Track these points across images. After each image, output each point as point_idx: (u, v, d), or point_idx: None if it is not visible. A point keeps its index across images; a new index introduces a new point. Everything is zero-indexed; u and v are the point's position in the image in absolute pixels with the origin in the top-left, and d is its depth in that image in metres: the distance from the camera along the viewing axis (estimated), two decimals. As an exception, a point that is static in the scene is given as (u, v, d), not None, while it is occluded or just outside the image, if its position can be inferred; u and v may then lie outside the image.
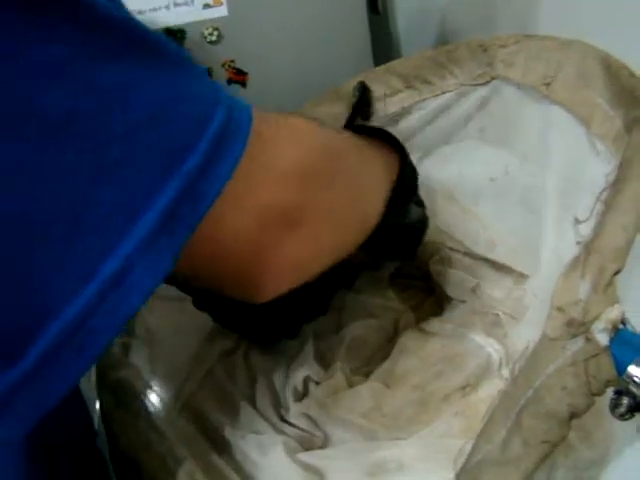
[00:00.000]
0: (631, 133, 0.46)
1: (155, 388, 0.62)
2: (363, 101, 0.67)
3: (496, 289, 0.66)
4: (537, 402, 0.36)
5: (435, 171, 0.74)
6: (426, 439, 0.54)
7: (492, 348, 0.60)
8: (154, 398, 0.60)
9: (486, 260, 0.66)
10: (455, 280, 0.67)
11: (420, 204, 0.60)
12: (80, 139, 0.23)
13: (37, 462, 0.37)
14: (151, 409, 0.57)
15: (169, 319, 0.69)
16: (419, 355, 0.61)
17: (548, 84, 0.53)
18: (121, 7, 0.28)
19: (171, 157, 0.26)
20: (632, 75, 0.49)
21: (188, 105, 0.27)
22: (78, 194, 0.23)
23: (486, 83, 0.62)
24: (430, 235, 0.67)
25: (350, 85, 0.71)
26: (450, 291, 0.66)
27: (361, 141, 0.48)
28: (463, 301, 0.66)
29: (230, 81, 1.39)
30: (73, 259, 0.23)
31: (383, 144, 0.52)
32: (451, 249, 0.69)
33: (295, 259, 0.34)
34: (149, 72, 0.26)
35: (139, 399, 0.58)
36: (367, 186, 0.45)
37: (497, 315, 0.64)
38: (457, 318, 0.64)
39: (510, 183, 0.71)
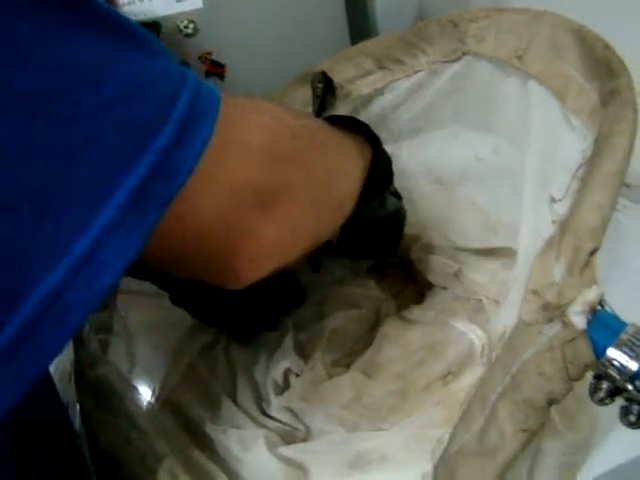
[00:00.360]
0: (607, 107, 0.45)
1: (135, 385, 0.60)
2: (327, 91, 0.66)
3: (479, 273, 0.65)
4: (514, 389, 0.35)
5: (411, 157, 0.73)
6: (407, 429, 0.53)
7: (474, 335, 0.58)
8: (134, 395, 0.59)
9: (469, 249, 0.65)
10: (436, 266, 0.65)
11: (396, 194, 0.58)
12: (50, 117, 0.23)
13: (7, 462, 0.36)
14: (131, 406, 0.56)
15: (147, 316, 0.67)
16: (400, 344, 0.59)
17: (520, 57, 0.52)
18: None
19: (141, 135, 0.26)
20: (607, 46, 0.47)
21: (157, 84, 0.27)
22: (48, 172, 0.23)
23: (458, 59, 0.60)
24: (409, 223, 0.65)
25: (322, 67, 0.69)
26: (431, 277, 0.65)
27: (330, 126, 0.47)
28: (444, 287, 0.64)
29: (208, 73, 1.37)
30: (46, 236, 0.23)
31: (354, 133, 0.51)
32: (432, 236, 0.68)
33: (271, 241, 0.34)
34: (119, 50, 0.26)
35: (118, 396, 0.56)
36: (341, 170, 0.44)
37: (480, 300, 0.62)
38: (438, 305, 0.62)
39: (494, 164, 0.70)
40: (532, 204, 0.51)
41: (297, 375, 0.58)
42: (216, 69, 1.37)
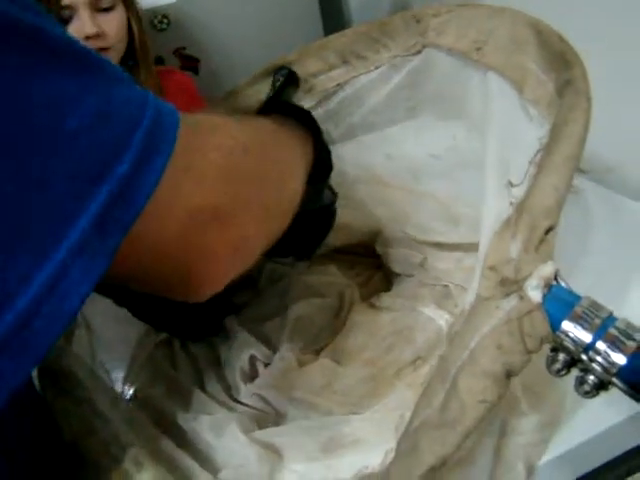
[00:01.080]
0: (562, 97, 0.47)
1: (98, 375, 0.61)
2: (287, 84, 0.67)
3: (443, 261, 0.66)
4: (473, 362, 0.36)
5: (369, 151, 0.74)
6: (380, 413, 0.54)
7: (442, 320, 0.60)
8: (97, 384, 0.59)
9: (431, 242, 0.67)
10: (401, 257, 0.67)
11: (331, 189, 0.59)
12: (11, 151, 0.24)
13: None
14: (95, 396, 0.56)
15: (110, 308, 0.67)
16: (369, 330, 0.61)
17: (479, 49, 0.53)
18: (46, 17, 0.28)
19: (103, 163, 0.26)
20: (562, 39, 0.49)
21: (118, 113, 0.28)
22: (10, 203, 0.24)
23: (418, 53, 0.62)
24: (372, 216, 0.67)
25: (288, 60, 0.70)
26: (397, 267, 0.66)
27: (276, 126, 0.48)
28: (411, 275, 0.66)
29: (182, 68, 1.37)
30: (12, 264, 0.24)
31: (298, 125, 0.52)
32: (394, 230, 0.69)
33: (228, 258, 0.35)
34: (81, 82, 0.27)
35: (82, 386, 0.56)
36: (289, 172, 0.46)
37: (446, 287, 0.64)
38: (406, 292, 0.64)
39: (454, 156, 0.71)
40: (493, 192, 0.52)
41: (265, 364, 0.59)
42: (190, 63, 1.37)
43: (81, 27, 0.91)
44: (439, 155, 0.73)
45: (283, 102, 0.60)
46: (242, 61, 1.18)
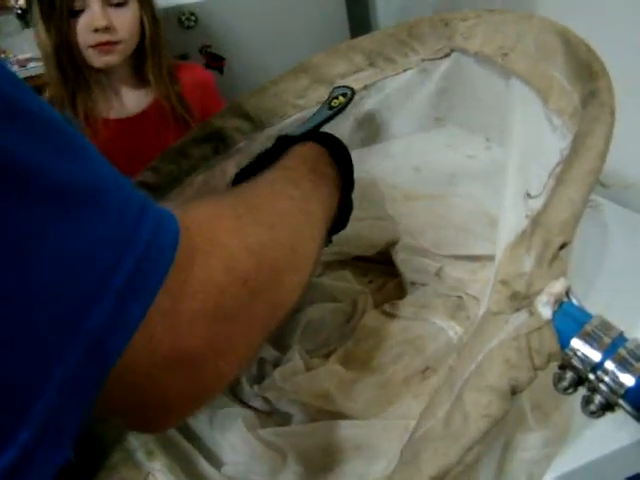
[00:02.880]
0: (586, 108, 0.45)
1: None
2: (345, 107, 0.62)
3: (460, 271, 0.65)
4: (479, 376, 0.35)
5: (398, 158, 0.74)
6: (384, 421, 0.54)
7: (453, 331, 0.59)
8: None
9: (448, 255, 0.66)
10: (417, 265, 0.66)
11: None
12: None
13: None
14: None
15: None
16: (380, 337, 0.60)
17: (505, 54, 0.52)
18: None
19: (73, 316, 0.24)
20: (589, 49, 0.48)
21: (94, 257, 0.25)
22: None
23: (445, 56, 0.61)
24: (388, 230, 0.66)
25: (315, 60, 0.69)
26: (412, 276, 0.66)
27: (297, 181, 0.44)
28: (426, 284, 0.65)
29: (207, 66, 1.38)
30: None
31: (330, 161, 0.50)
32: (414, 240, 0.69)
33: (193, 399, 0.33)
34: (52, 221, 0.23)
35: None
36: (302, 258, 0.40)
37: (460, 297, 0.63)
38: (419, 301, 0.63)
39: (483, 164, 0.71)
40: (511, 203, 0.51)
41: (274, 366, 0.59)
42: (215, 62, 1.38)
43: (91, 19, 0.92)
44: (474, 159, 0.73)
45: (322, 133, 0.56)
46: (267, 61, 1.18)
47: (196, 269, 0.29)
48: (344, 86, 0.63)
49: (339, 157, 0.51)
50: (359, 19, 1.22)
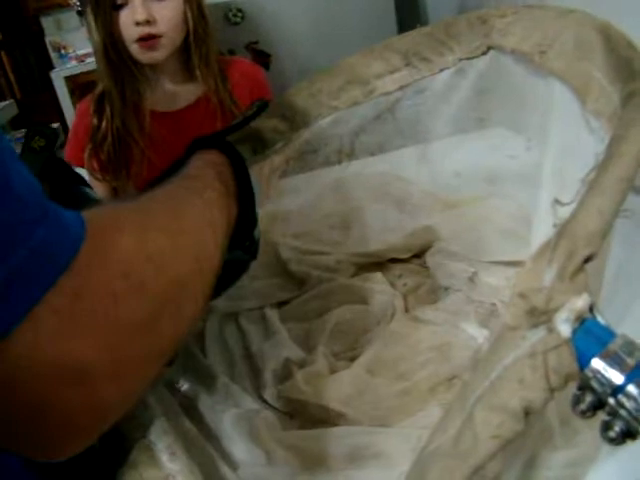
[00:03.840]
0: (624, 109, 0.43)
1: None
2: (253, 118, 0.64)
3: (496, 277, 0.63)
4: (491, 394, 0.34)
5: (436, 162, 0.72)
6: (408, 429, 0.53)
7: (484, 339, 0.57)
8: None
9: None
10: (451, 270, 0.64)
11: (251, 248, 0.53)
12: None
13: None
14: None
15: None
16: (408, 343, 0.59)
17: (543, 52, 0.50)
18: None
19: None
20: (630, 46, 0.45)
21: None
22: None
23: (483, 54, 0.58)
24: (425, 234, 0.64)
25: (351, 61, 0.68)
26: (446, 281, 0.64)
27: (201, 190, 0.43)
28: (459, 290, 0.63)
29: (254, 62, 1.38)
30: None
31: (225, 167, 0.49)
32: (449, 244, 0.67)
33: (88, 422, 0.30)
34: None
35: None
36: (197, 282, 0.38)
37: (494, 304, 0.61)
38: (450, 307, 0.61)
39: (523, 166, 0.68)
40: (545, 209, 0.49)
41: (299, 366, 0.58)
42: (261, 58, 1.39)
43: (132, 13, 0.93)
44: (517, 156, 0.70)
45: (226, 142, 0.54)
46: (313, 58, 1.18)
47: (93, 273, 0.29)
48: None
49: (237, 169, 0.50)
50: (407, 16, 1.19)
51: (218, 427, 0.54)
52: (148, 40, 0.96)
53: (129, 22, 0.95)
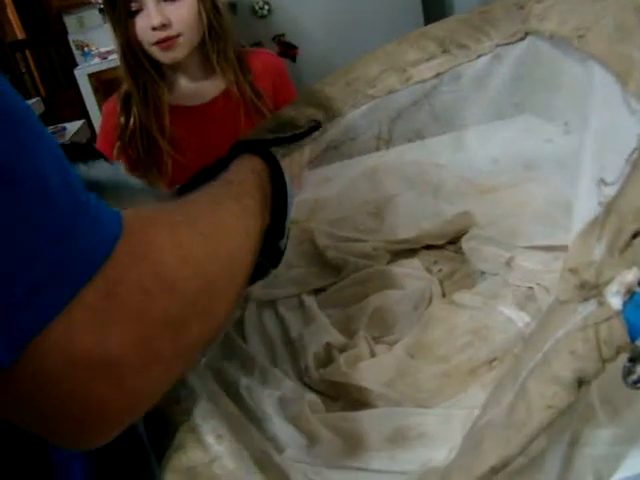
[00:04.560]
0: (667, 90, 0.43)
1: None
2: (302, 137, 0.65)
3: (533, 261, 0.64)
4: (544, 366, 0.34)
5: (475, 148, 0.72)
6: (450, 410, 0.53)
7: (522, 322, 0.57)
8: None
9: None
10: (488, 255, 0.65)
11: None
12: None
13: None
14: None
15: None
16: (446, 326, 0.59)
17: (582, 36, 0.50)
18: None
19: None
20: (673, 27, 0.46)
21: (14, 240, 0.26)
22: None
23: (520, 40, 0.59)
24: (460, 220, 0.65)
25: (387, 49, 0.69)
26: (482, 265, 0.65)
27: (239, 196, 0.45)
28: (496, 274, 0.64)
29: (280, 54, 1.40)
30: None
31: (265, 174, 0.50)
32: (486, 230, 0.68)
33: (118, 412, 0.31)
34: None
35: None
36: (229, 285, 0.39)
37: (531, 288, 0.61)
38: (488, 290, 0.62)
39: (561, 150, 0.68)
40: (586, 190, 0.50)
41: (340, 350, 0.59)
42: (289, 50, 1.40)
43: (148, 18, 0.94)
44: (554, 140, 0.71)
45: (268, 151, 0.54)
46: (340, 50, 1.18)
47: (127, 271, 0.30)
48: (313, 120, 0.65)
49: (276, 180, 0.51)
50: (433, 8, 1.20)
51: (261, 410, 0.55)
52: (166, 41, 0.97)
53: (145, 27, 0.96)
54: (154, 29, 0.95)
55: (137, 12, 0.95)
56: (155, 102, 1.03)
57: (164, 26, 0.94)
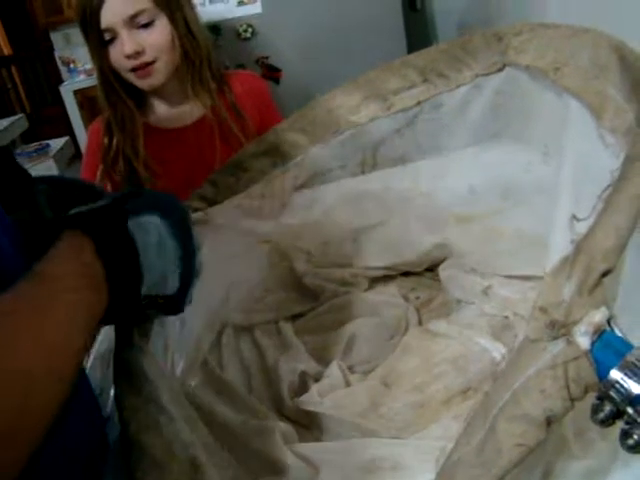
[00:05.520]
0: (639, 127, 0.44)
1: (166, 373, 0.62)
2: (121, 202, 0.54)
3: (510, 290, 0.64)
4: (514, 404, 0.34)
5: (450, 176, 0.73)
6: (423, 441, 0.53)
7: (498, 352, 0.58)
8: (164, 383, 0.60)
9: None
10: (465, 283, 0.65)
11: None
12: None
13: None
14: (162, 394, 0.57)
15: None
16: (422, 355, 0.59)
17: (558, 69, 0.51)
18: None
19: None
20: (646, 65, 0.46)
21: None
22: None
23: (499, 70, 0.60)
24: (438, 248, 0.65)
25: (369, 77, 0.69)
26: (459, 294, 0.65)
27: (53, 300, 0.40)
28: (472, 303, 0.64)
29: (264, 77, 1.40)
30: None
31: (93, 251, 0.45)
32: (463, 260, 0.68)
33: None
34: None
35: (151, 385, 0.57)
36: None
37: (507, 317, 0.62)
38: (464, 320, 0.62)
39: (536, 180, 0.69)
40: (561, 225, 0.50)
41: (315, 379, 0.59)
42: (272, 73, 1.41)
43: (121, 46, 0.94)
44: (532, 170, 0.71)
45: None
46: (323, 73, 1.19)
47: None
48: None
49: (112, 243, 0.47)
50: (416, 33, 1.21)
51: (234, 438, 0.54)
52: (143, 69, 0.96)
53: (119, 55, 0.95)
54: (128, 57, 0.94)
55: (111, 41, 0.95)
56: (131, 129, 1.02)
57: (138, 53, 0.93)
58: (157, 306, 0.51)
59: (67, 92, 3.32)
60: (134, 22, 0.93)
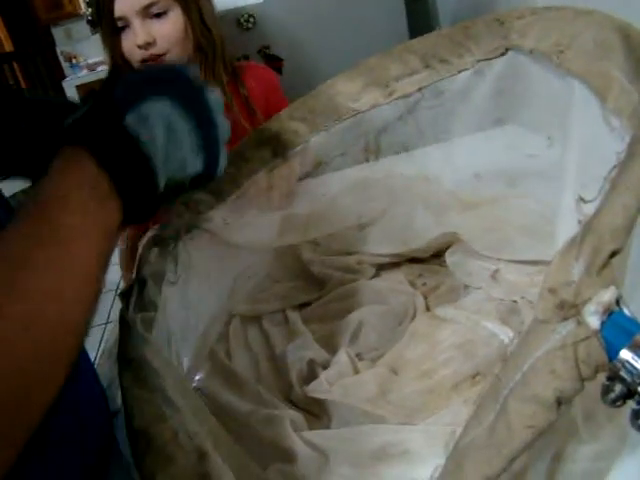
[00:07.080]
0: (645, 107, 0.44)
1: (171, 363, 0.62)
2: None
3: (517, 275, 0.64)
4: (524, 386, 0.34)
5: (457, 161, 0.72)
6: (433, 426, 0.53)
7: (505, 336, 0.57)
8: (170, 373, 0.60)
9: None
10: (472, 268, 0.65)
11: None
12: None
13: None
14: (167, 385, 0.58)
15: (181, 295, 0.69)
16: (430, 341, 0.59)
17: (561, 52, 0.50)
18: None
19: None
20: (651, 46, 0.46)
21: None
22: None
23: (501, 55, 0.59)
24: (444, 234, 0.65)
25: (370, 63, 0.69)
26: (466, 279, 0.65)
27: (57, 220, 0.37)
28: (479, 287, 0.64)
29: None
30: None
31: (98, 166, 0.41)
32: (470, 243, 0.68)
33: None
34: None
35: (156, 375, 0.58)
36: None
37: (515, 302, 0.61)
38: (472, 305, 0.62)
39: (542, 164, 0.69)
40: (568, 207, 0.50)
41: (323, 367, 0.59)
42: (273, 63, 1.40)
43: (133, 36, 0.93)
44: (537, 155, 0.71)
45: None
46: (325, 62, 1.19)
47: None
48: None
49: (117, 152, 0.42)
50: (418, 20, 1.20)
51: (247, 428, 0.55)
52: (153, 61, 0.96)
53: (131, 45, 0.95)
54: (139, 47, 0.94)
55: (124, 29, 0.95)
56: None
57: (149, 44, 0.93)
58: (185, 189, 0.48)
59: (70, 87, 3.33)
60: (147, 12, 0.93)
